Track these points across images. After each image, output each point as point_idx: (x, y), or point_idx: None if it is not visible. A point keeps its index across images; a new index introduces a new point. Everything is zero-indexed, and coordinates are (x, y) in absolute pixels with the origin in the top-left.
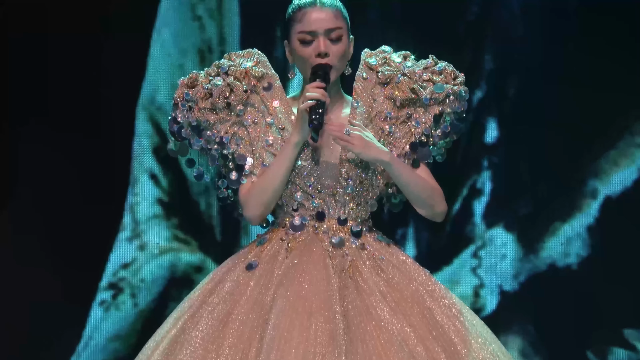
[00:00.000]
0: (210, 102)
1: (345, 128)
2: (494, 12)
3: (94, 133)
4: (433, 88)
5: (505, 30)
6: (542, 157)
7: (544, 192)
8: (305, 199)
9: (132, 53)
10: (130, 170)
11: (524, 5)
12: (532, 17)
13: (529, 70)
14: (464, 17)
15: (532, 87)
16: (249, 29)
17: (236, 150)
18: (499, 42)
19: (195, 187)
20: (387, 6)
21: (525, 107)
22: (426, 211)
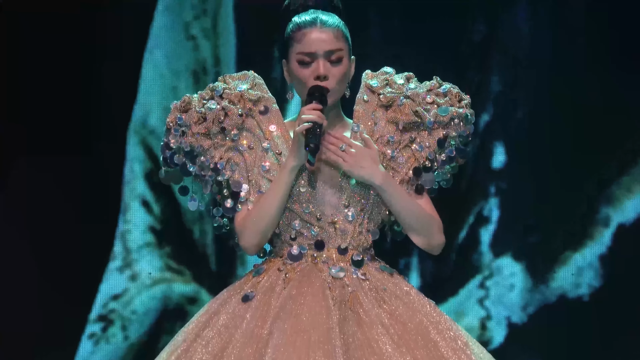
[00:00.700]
0: (204, 126)
1: (342, 143)
2: (500, 31)
3: (83, 157)
4: (437, 111)
5: (513, 50)
6: (552, 183)
7: (554, 219)
8: (303, 227)
9: (122, 74)
10: (121, 197)
11: (532, 24)
12: (540, 37)
13: (537, 92)
14: (470, 37)
15: (541, 110)
16: (245, 49)
17: (231, 177)
18: (506, 62)
19: (189, 215)
20: (389, 25)
21: (533, 130)
22: (422, 242)
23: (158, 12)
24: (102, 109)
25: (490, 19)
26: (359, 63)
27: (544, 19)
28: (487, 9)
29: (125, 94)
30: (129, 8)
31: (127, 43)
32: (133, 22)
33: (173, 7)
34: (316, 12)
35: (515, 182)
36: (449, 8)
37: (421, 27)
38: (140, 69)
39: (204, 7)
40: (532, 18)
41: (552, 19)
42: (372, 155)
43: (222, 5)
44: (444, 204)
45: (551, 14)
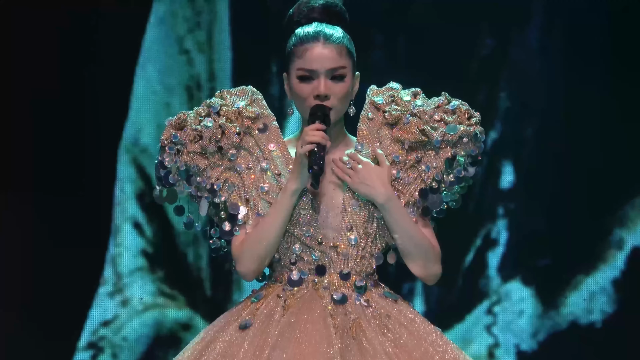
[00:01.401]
0: (200, 145)
1: (347, 161)
2: (509, 46)
3: (72, 178)
4: (445, 129)
5: (522, 66)
6: (562, 204)
7: (564, 242)
8: (304, 251)
9: (113, 90)
10: (111, 219)
11: (542, 39)
12: (551, 52)
13: (547, 109)
14: (478, 52)
15: (551, 128)
16: (242, 63)
17: (228, 199)
18: (515, 79)
19: (182, 237)
20: (393, 39)
21: (543, 149)
22: (417, 269)
23: (150, 25)
24: (92, 126)
25: (500, 33)
26: (363, 78)
27: (556, 34)
28: (496, 23)
29: (116, 110)
30: (119, 21)
31: (117, 57)
32: (124, 35)
33: (166, 19)
34: (320, 25)
35: (525, 203)
36: (457, 20)
37: (427, 42)
38: (132, 84)
39: (198, 20)
40: (544, 33)
41: (564, 34)
42: (379, 172)
43: (217, 18)
44: (450, 225)
45: (564, 29)
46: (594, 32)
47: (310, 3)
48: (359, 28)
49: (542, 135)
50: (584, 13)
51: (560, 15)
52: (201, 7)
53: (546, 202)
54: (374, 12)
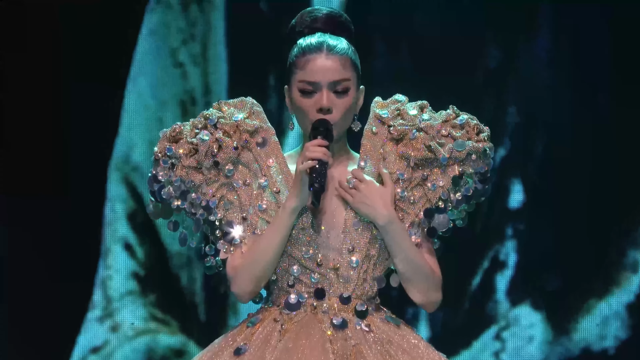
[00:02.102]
0: (196, 159)
1: (350, 179)
2: (517, 58)
3: (60, 197)
4: (453, 145)
5: (531, 79)
6: (574, 224)
7: (576, 264)
8: (302, 273)
9: (103, 105)
10: (101, 240)
11: (552, 51)
12: (560, 65)
13: (558, 124)
14: (484, 63)
15: (562, 144)
16: (238, 77)
17: (224, 217)
18: (524, 92)
19: (175, 259)
20: (396, 48)
21: (554, 166)
22: (417, 296)
23: (142, 36)
24: (80, 143)
25: (507, 45)
26: (367, 91)
27: (565, 46)
28: (503, 34)
29: (105, 126)
30: (109, 32)
31: (108, 70)
32: (115, 47)
33: (158, 31)
34: (324, 35)
35: (534, 224)
36: (462, 31)
37: (430, 52)
38: (123, 98)
39: (192, 32)
40: (553, 45)
41: (574, 46)
42: (382, 192)
43: (212, 30)
44: (456, 247)
45: (573, 41)
46: (603, 42)
47: (314, 13)
48: (361, 37)
49: (552, 152)
50: (593, 23)
51: (568, 25)
52: (195, 18)
53: (557, 222)
54: (376, 20)
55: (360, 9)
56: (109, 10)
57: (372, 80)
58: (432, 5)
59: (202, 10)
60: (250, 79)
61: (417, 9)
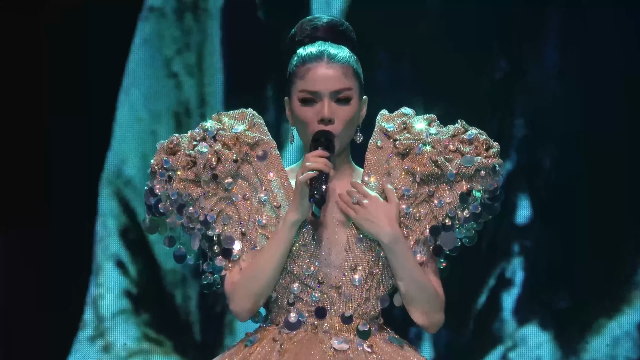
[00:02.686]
0: (194, 172)
1: (355, 194)
2: (525, 69)
3: (50, 212)
4: (461, 161)
5: (539, 90)
6: (583, 241)
7: (586, 282)
8: (303, 291)
9: (94, 116)
10: (92, 257)
11: (561, 62)
12: (570, 76)
13: (566, 137)
14: (490, 74)
15: (570, 158)
16: (234, 88)
17: (223, 232)
18: (531, 104)
19: (169, 277)
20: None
21: (562, 181)
22: (419, 317)
23: (135, 45)
24: (70, 156)
25: (514, 55)
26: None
27: (574, 57)
28: (510, 44)
29: (97, 139)
30: (101, 41)
31: (99, 81)
32: (106, 57)
33: (152, 40)
34: (324, 44)
35: (542, 240)
36: (467, 40)
37: (434, 63)
38: (115, 110)
39: (187, 41)
40: (562, 56)
41: (583, 57)
42: (387, 209)
43: (207, 39)
44: (461, 264)
45: (583, 52)
46: (615, 53)
47: (314, 21)
48: (362, 47)
49: (561, 166)
50: (603, 33)
51: (578, 35)
52: (190, 27)
53: (565, 238)
54: (379, 29)
55: (362, 18)
56: (101, 19)
57: (375, 92)
58: (437, 15)
59: (197, 19)
60: (247, 90)
61: (421, 18)
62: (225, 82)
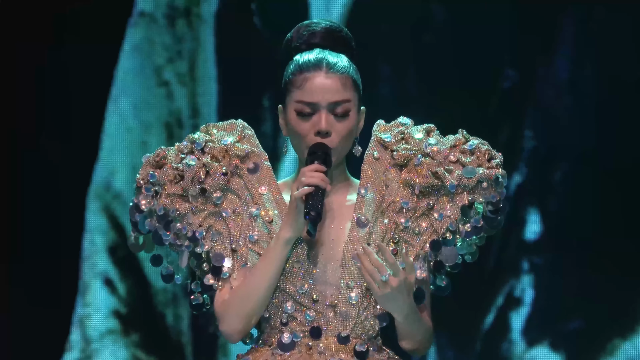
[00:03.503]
0: (181, 186)
1: (385, 271)
2: (535, 77)
3: (34, 228)
4: (462, 172)
5: (550, 100)
6: (596, 257)
7: (598, 301)
8: (297, 310)
9: (81, 127)
10: (79, 275)
11: (574, 71)
12: (583, 86)
13: (578, 149)
14: (498, 83)
15: (583, 171)
16: (229, 97)
17: (212, 249)
18: (541, 114)
19: (160, 296)
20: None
21: (574, 195)
22: (409, 347)
23: (124, 53)
24: (56, 168)
25: (523, 63)
26: (368, 113)
27: (587, 64)
28: (519, 51)
29: (84, 150)
30: (89, 47)
31: (86, 90)
32: (94, 64)
33: (142, 47)
34: (323, 51)
35: (553, 257)
36: (474, 49)
37: (441, 72)
38: (103, 120)
39: (178, 49)
40: (575, 65)
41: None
42: (409, 286)
43: (200, 46)
44: (467, 282)
45: (596, 60)
46: (631, 64)
47: (312, 27)
48: (364, 57)
49: (573, 179)
50: (620, 41)
51: (592, 43)
52: (182, 34)
53: (577, 255)
54: (381, 39)
55: (363, 29)
56: (88, 24)
57: (377, 104)
58: (442, 23)
59: (190, 25)
60: (242, 100)
61: (425, 27)
62: (219, 92)
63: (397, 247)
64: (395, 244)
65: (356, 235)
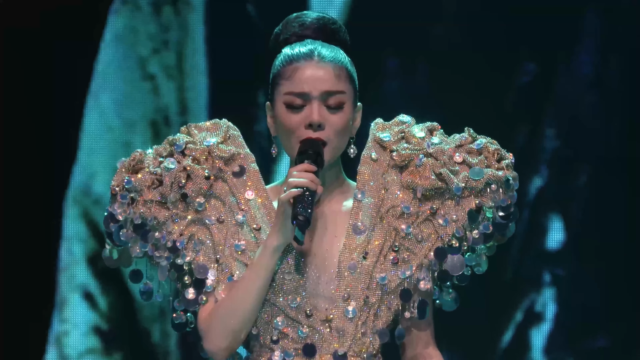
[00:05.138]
0: (160, 192)
1: None
2: (557, 72)
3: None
4: (468, 174)
5: (573, 96)
6: (623, 269)
7: (625, 317)
8: (288, 326)
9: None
10: (55, 288)
11: (598, 65)
12: (608, 81)
13: (604, 150)
14: (516, 78)
15: (609, 174)
16: (220, 93)
17: (194, 260)
18: (564, 112)
19: (146, 310)
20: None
21: (600, 200)
22: None
23: (105, 43)
24: (31, 171)
25: (543, 57)
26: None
27: (613, 58)
28: (539, 44)
29: (61, 151)
30: (66, 38)
31: (63, 84)
32: (72, 56)
33: (125, 37)
34: (314, 42)
35: (577, 268)
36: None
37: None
38: (82, 118)
39: (165, 38)
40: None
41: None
42: None
43: (189, 36)
44: (483, 296)
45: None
46: None
47: (302, 18)
48: (368, 50)
49: (598, 183)
50: None
51: (618, 35)
52: (169, 22)
53: (603, 266)
54: (387, 30)
55: (367, 17)
56: (66, 12)
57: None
58: (454, 13)
59: (178, 13)
60: (235, 96)
61: (435, 17)
62: (210, 86)
63: (398, 256)
64: (396, 252)
65: (352, 243)
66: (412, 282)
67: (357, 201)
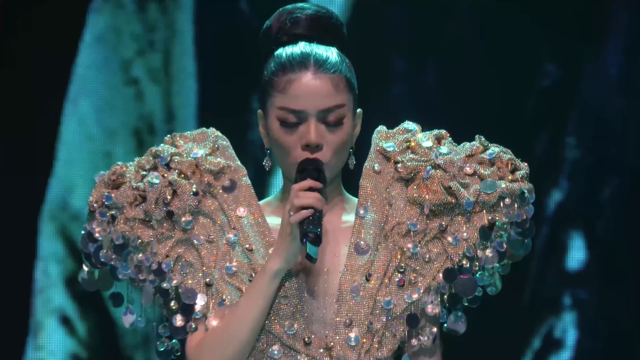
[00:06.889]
0: (143, 209)
1: None
2: (581, 74)
3: None
4: (480, 187)
5: (599, 101)
6: None
7: None
8: (285, 354)
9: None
10: (30, 313)
11: (627, 66)
12: (638, 84)
13: (632, 161)
14: (534, 82)
15: (637, 188)
16: (210, 98)
17: (182, 283)
18: (588, 118)
19: (128, 337)
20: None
21: (625, 216)
22: None
23: (85, 44)
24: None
25: (566, 57)
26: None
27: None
28: (561, 43)
29: (36, 162)
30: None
31: (39, 89)
32: (49, 58)
33: (106, 37)
34: (309, 45)
35: (600, 290)
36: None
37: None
38: (59, 126)
39: (150, 39)
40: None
41: None
42: None
43: (176, 36)
44: (496, 320)
45: None
46: None
47: (295, 13)
48: (373, 50)
49: (624, 197)
50: None
51: None
52: (155, 21)
53: (629, 288)
54: (394, 28)
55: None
56: (41, 10)
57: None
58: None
59: (164, 11)
60: (226, 101)
61: (448, 14)
62: (199, 91)
63: (404, 278)
64: (402, 273)
65: (354, 264)
66: (419, 306)
67: (359, 218)
